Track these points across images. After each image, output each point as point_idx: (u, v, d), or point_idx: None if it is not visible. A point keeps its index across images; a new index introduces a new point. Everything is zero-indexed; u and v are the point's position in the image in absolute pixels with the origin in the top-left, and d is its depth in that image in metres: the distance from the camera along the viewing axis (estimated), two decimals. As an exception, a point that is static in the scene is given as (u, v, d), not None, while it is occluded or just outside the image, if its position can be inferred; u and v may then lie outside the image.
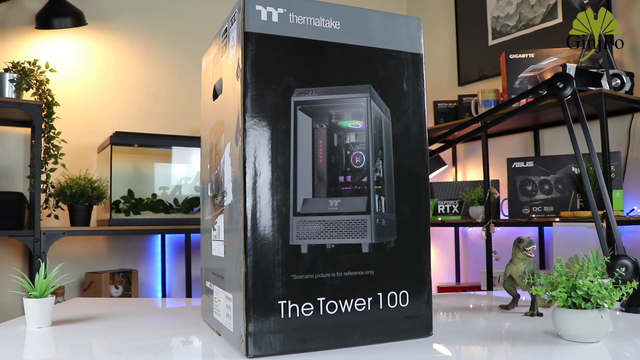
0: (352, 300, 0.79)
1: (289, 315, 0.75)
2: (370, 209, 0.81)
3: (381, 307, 0.81)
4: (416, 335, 0.83)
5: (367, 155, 0.82)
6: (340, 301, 0.79)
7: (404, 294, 0.82)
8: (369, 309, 0.80)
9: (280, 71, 0.78)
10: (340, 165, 0.81)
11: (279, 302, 0.75)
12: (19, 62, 2.32)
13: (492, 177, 2.55)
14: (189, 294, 2.48)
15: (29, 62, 2.34)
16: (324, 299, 0.78)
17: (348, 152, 0.81)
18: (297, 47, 0.80)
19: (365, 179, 0.81)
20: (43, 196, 2.37)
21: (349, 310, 0.79)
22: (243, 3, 0.78)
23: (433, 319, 0.84)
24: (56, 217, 2.41)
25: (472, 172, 3.02)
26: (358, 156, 0.81)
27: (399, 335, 0.82)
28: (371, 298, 0.80)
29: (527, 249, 1.00)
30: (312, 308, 0.77)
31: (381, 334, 0.81)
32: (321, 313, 0.77)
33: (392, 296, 0.82)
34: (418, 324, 0.83)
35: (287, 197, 0.77)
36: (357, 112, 0.82)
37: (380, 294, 0.81)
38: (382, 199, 0.82)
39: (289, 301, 0.76)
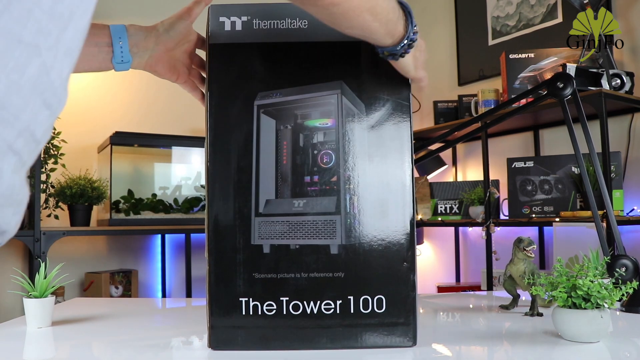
0: (318, 302, 0.78)
1: (251, 313, 0.78)
2: (340, 209, 0.79)
3: (352, 311, 0.78)
4: (395, 344, 0.78)
5: (338, 153, 0.80)
6: (305, 302, 0.78)
7: (379, 299, 0.78)
8: (337, 312, 0.77)
9: (245, 77, 0.80)
10: (306, 165, 0.80)
11: (240, 299, 0.77)
12: (19, 62, 2.32)
13: (492, 177, 2.55)
14: (189, 294, 2.48)
15: (29, 62, 2.34)
16: (287, 299, 0.78)
17: (315, 152, 0.80)
18: (262, 52, 0.81)
19: (334, 178, 0.79)
20: (43, 196, 2.37)
21: (315, 312, 0.78)
22: (208, 16, 0.81)
23: (433, 319, 0.84)
24: (56, 217, 2.41)
25: (472, 172, 3.02)
26: (327, 155, 0.80)
27: (374, 342, 0.78)
28: (340, 301, 0.78)
29: (527, 249, 1.00)
30: (275, 307, 0.78)
31: (352, 340, 0.78)
32: (285, 313, 0.78)
33: (366, 301, 0.78)
34: (397, 332, 0.78)
35: (249, 199, 0.79)
36: (326, 110, 0.80)
37: (351, 297, 0.78)
38: (355, 198, 0.79)
39: (251, 299, 0.78)
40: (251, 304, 0.78)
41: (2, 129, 0.41)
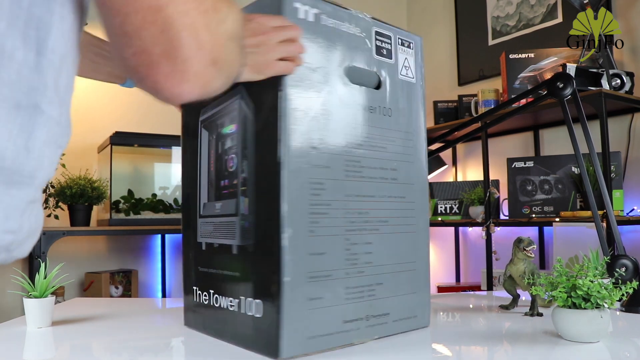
0: (225, 298, 0.83)
1: (198, 300, 0.90)
2: (238, 211, 0.81)
3: (243, 311, 0.79)
4: (261, 351, 0.75)
5: (238, 157, 0.83)
6: (220, 296, 0.84)
7: (257, 304, 0.76)
8: (236, 310, 0.80)
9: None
10: (220, 170, 0.86)
11: (193, 287, 0.92)
12: (19, 62, 2.32)
13: (492, 177, 2.55)
14: (189, 294, 2.48)
15: (29, 62, 2.34)
16: (212, 291, 0.87)
17: (226, 157, 0.85)
18: None
19: (235, 182, 0.82)
20: (43, 196, 2.37)
21: (224, 307, 0.83)
22: None
23: (433, 319, 0.84)
24: (56, 217, 2.41)
25: (472, 172, 3.02)
26: (231, 160, 0.84)
27: (250, 346, 0.77)
28: (237, 300, 0.80)
29: (527, 249, 1.00)
30: (208, 298, 0.88)
31: (245, 339, 0.78)
32: (211, 304, 0.87)
33: (250, 303, 0.78)
34: (263, 339, 0.75)
35: (196, 203, 0.92)
36: (232, 116, 0.84)
37: (242, 298, 0.79)
38: (246, 200, 0.80)
39: (197, 288, 0.91)
40: (197, 292, 0.91)
41: (17, 192, 0.42)
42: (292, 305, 0.73)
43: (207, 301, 0.87)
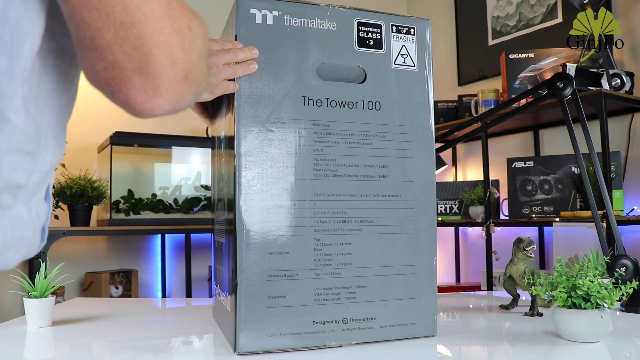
0: (222, 293, 0.88)
1: (215, 294, 0.97)
2: (224, 211, 0.92)
3: (226, 305, 0.87)
4: (232, 344, 0.80)
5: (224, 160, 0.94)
6: (220, 291, 0.89)
7: (229, 299, 0.85)
8: (224, 304, 0.88)
9: None
10: (220, 174, 0.94)
11: (213, 281, 0.98)
12: (19, 62, 2.32)
13: (492, 177, 2.55)
14: (189, 294, 2.48)
15: (29, 62, 2.33)
16: (218, 286, 0.92)
17: (222, 160, 0.93)
18: None
19: (224, 184, 0.93)
20: (43, 196, 2.37)
21: (221, 301, 0.91)
22: None
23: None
24: (56, 217, 2.41)
25: (472, 172, 3.02)
26: (223, 163, 0.92)
27: (228, 340, 0.84)
28: (224, 295, 0.88)
29: (527, 249, 1.00)
30: (218, 292, 0.93)
31: (226, 332, 0.86)
32: (218, 298, 0.93)
33: (227, 298, 0.86)
34: (232, 333, 0.80)
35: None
36: (223, 124, 0.91)
37: (225, 293, 0.87)
38: (227, 201, 0.90)
39: (215, 282, 0.97)
40: (214, 286, 0.97)
41: None
42: (249, 302, 0.75)
43: (218, 295, 0.92)
